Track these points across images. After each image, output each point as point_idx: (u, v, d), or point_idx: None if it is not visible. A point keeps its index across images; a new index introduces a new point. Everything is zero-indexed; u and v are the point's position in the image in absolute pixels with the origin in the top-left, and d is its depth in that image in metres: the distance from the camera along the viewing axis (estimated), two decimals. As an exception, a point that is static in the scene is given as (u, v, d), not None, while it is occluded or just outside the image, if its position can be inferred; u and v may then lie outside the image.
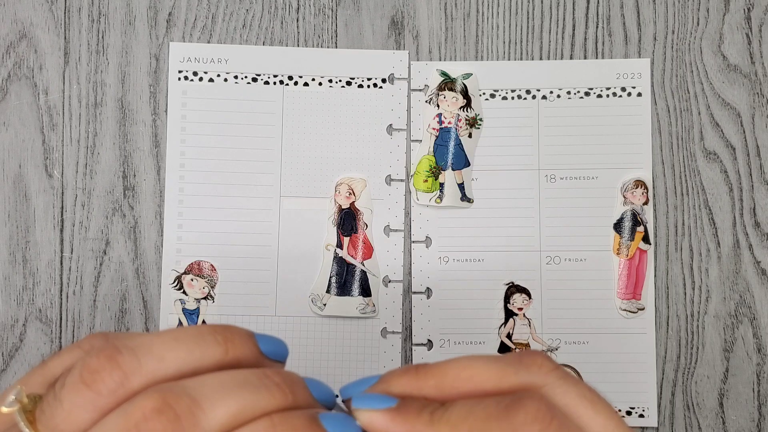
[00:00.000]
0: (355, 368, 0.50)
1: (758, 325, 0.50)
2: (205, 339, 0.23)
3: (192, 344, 0.23)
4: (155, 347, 0.22)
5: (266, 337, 0.25)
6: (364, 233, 0.51)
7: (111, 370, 0.21)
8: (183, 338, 0.23)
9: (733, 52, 0.51)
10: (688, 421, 0.50)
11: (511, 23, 0.52)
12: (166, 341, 0.22)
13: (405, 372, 0.25)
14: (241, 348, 0.24)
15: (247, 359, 0.24)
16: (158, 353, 0.22)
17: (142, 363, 0.22)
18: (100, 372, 0.21)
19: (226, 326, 0.24)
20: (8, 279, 0.50)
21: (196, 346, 0.23)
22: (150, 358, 0.22)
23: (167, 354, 0.22)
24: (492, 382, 0.24)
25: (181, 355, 0.22)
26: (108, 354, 0.21)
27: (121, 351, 0.22)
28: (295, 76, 0.51)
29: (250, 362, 0.24)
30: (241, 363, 0.24)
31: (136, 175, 0.51)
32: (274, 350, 0.25)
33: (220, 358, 0.23)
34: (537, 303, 0.51)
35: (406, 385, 0.24)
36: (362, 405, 0.23)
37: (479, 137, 0.51)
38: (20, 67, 0.51)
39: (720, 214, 0.51)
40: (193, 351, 0.22)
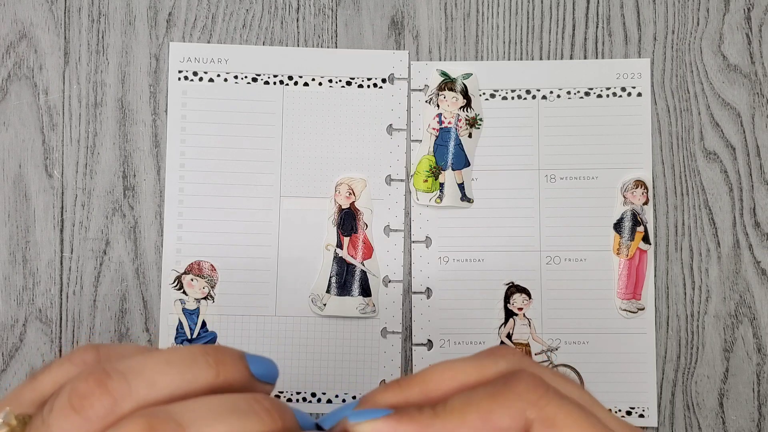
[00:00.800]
0: (355, 368, 0.50)
1: (758, 325, 0.50)
2: (197, 362, 0.23)
3: (184, 368, 0.22)
4: (146, 371, 0.22)
5: (257, 358, 0.25)
6: (364, 233, 0.51)
7: (101, 395, 0.21)
8: (175, 361, 0.22)
9: (733, 52, 0.51)
10: (688, 421, 0.50)
11: (511, 23, 0.52)
12: (158, 364, 0.22)
13: (387, 387, 0.25)
14: (233, 371, 0.23)
15: (238, 382, 0.24)
16: (149, 377, 0.22)
17: (132, 388, 0.21)
18: (89, 397, 0.21)
19: (218, 348, 0.24)
20: (8, 279, 0.50)
21: (188, 370, 0.22)
22: (141, 383, 0.21)
23: (158, 378, 0.22)
24: (474, 376, 0.24)
25: (172, 379, 0.22)
26: (97, 378, 0.21)
27: (110, 375, 0.21)
28: (295, 76, 0.51)
29: (241, 384, 0.24)
30: (232, 386, 0.23)
31: (136, 175, 0.51)
32: (264, 372, 0.25)
33: (211, 381, 0.23)
34: (537, 303, 0.51)
35: (391, 398, 0.24)
36: (360, 419, 0.23)
37: (479, 137, 0.51)
38: (20, 67, 0.51)
39: (720, 214, 0.51)
40: (184, 375, 0.22)
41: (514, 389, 0.23)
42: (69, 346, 0.50)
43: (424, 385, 0.24)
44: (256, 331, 0.50)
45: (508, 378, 0.23)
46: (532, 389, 0.23)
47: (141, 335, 0.50)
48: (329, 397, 0.50)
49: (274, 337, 0.50)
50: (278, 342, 0.50)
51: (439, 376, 0.24)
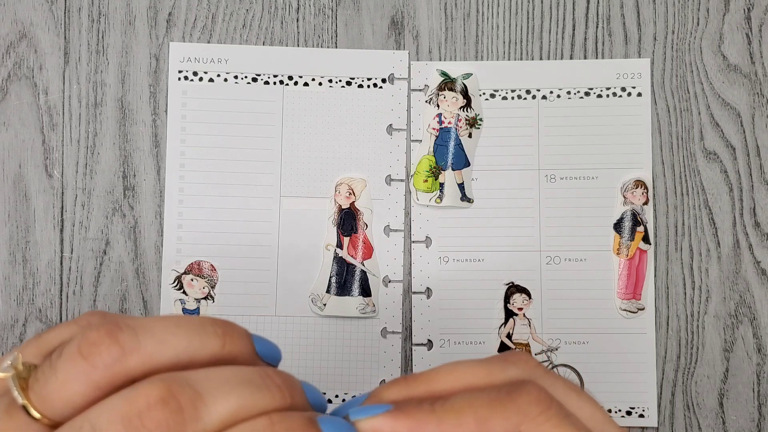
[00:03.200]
0: (355, 368, 0.50)
1: (758, 325, 0.50)
2: (206, 329, 0.23)
3: (192, 332, 0.22)
4: (156, 329, 0.22)
5: (262, 338, 0.25)
6: (364, 233, 0.51)
7: (110, 344, 0.21)
8: (184, 325, 0.22)
9: (733, 52, 0.51)
10: (688, 421, 0.50)
11: (511, 23, 0.52)
12: (168, 326, 0.22)
13: (394, 382, 0.25)
14: (238, 344, 0.24)
15: (242, 356, 0.24)
16: (159, 336, 0.22)
17: (141, 342, 0.21)
18: (99, 345, 0.21)
19: (226, 321, 0.24)
20: (8, 279, 0.50)
21: (196, 335, 0.22)
22: (150, 339, 0.22)
23: (167, 338, 0.22)
24: (482, 379, 0.24)
25: (180, 341, 0.22)
26: (108, 329, 0.21)
27: (121, 328, 0.21)
28: (295, 76, 0.51)
29: (245, 360, 0.24)
30: (236, 359, 0.24)
31: (136, 175, 0.51)
32: (268, 352, 0.25)
33: (217, 351, 0.23)
34: (537, 303, 0.51)
35: (397, 394, 0.24)
36: (361, 415, 0.23)
37: (479, 137, 0.51)
38: (20, 67, 0.51)
39: (720, 214, 0.51)
40: (192, 339, 0.22)
41: (515, 400, 0.23)
42: (69, 346, 0.50)
43: (430, 383, 0.24)
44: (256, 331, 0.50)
45: (513, 387, 0.23)
46: (534, 404, 0.23)
47: (141, 335, 0.50)
48: (329, 397, 0.50)
49: (274, 337, 0.50)
50: (278, 342, 0.50)
51: (445, 376, 0.24)
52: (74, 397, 0.21)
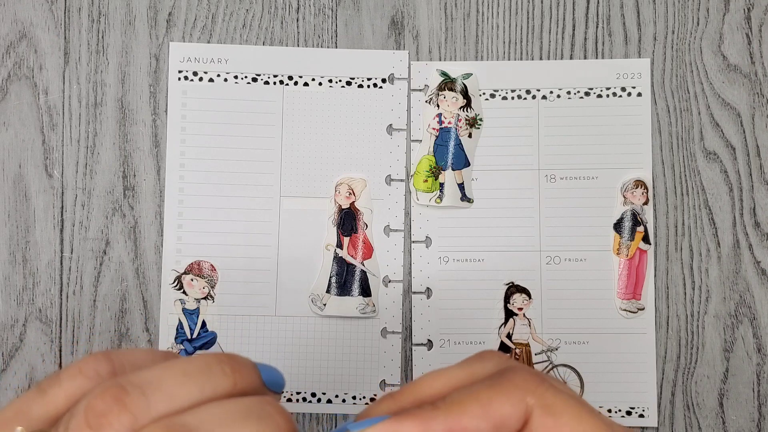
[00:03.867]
0: (355, 368, 0.50)
1: (758, 325, 0.50)
2: (214, 372, 0.22)
3: (202, 379, 0.22)
4: (165, 385, 0.21)
5: (266, 366, 0.25)
6: (364, 233, 0.51)
7: (119, 413, 0.20)
8: (192, 372, 0.22)
9: (733, 52, 0.51)
10: (688, 421, 0.50)
11: (511, 23, 0.52)
12: (176, 376, 0.21)
13: (381, 400, 0.25)
14: (248, 380, 0.23)
15: (251, 390, 0.23)
16: (168, 391, 0.21)
17: (151, 403, 0.20)
18: (107, 415, 0.20)
19: (231, 356, 0.23)
20: (8, 279, 0.50)
21: (206, 381, 0.22)
22: (159, 397, 0.21)
23: (177, 391, 0.21)
24: (465, 379, 0.25)
25: (190, 391, 0.21)
26: (114, 395, 0.20)
27: (128, 391, 0.20)
28: (295, 76, 0.51)
29: (254, 393, 0.23)
30: (246, 394, 0.23)
31: (136, 175, 0.51)
32: (274, 381, 0.25)
33: (228, 391, 0.22)
34: (537, 303, 0.51)
35: (387, 409, 0.24)
36: (360, 427, 0.23)
37: (479, 137, 0.51)
38: (20, 67, 0.51)
39: (720, 214, 0.51)
40: (203, 386, 0.22)
41: (512, 380, 0.23)
42: (69, 346, 0.50)
43: (417, 393, 0.25)
44: (256, 331, 0.50)
45: (504, 371, 0.24)
46: (530, 379, 0.23)
47: (141, 335, 0.50)
48: (329, 397, 0.50)
49: (274, 337, 0.50)
50: (278, 342, 0.50)
51: (430, 383, 0.25)
52: None
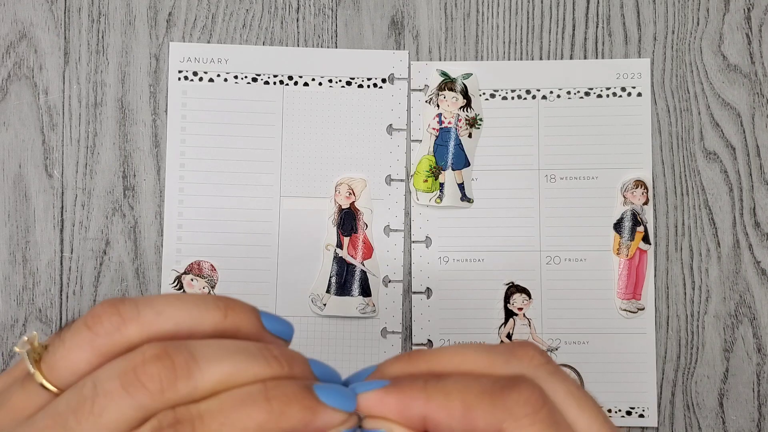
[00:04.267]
0: (355, 368, 0.50)
1: (758, 325, 0.50)
2: (207, 303, 0.24)
3: (192, 305, 0.24)
4: (156, 302, 0.23)
5: (272, 315, 0.25)
6: (364, 233, 0.51)
7: (111, 314, 0.23)
8: (185, 299, 0.24)
9: (733, 52, 0.51)
10: (688, 421, 0.50)
11: (511, 23, 0.52)
12: (168, 299, 0.24)
13: (399, 358, 0.26)
14: (241, 316, 0.24)
15: (247, 330, 0.24)
16: (158, 307, 0.23)
17: (140, 313, 0.23)
18: (101, 316, 0.23)
19: (230, 298, 0.25)
20: (8, 279, 0.50)
21: (196, 307, 0.24)
22: (149, 310, 0.23)
23: (166, 309, 0.23)
24: (482, 368, 0.24)
25: (179, 313, 0.23)
26: (111, 302, 0.23)
27: (123, 301, 0.23)
28: (295, 76, 0.51)
29: (251, 334, 0.24)
30: (241, 332, 0.24)
31: (136, 175, 0.51)
32: (278, 328, 0.25)
33: (218, 322, 0.24)
34: (537, 303, 0.51)
35: (399, 369, 0.25)
36: (360, 390, 0.24)
37: (479, 137, 0.51)
38: (20, 67, 0.51)
39: (720, 214, 0.51)
40: (191, 311, 0.24)
41: (505, 397, 0.23)
42: (69, 346, 0.50)
43: (432, 362, 0.25)
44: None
45: (508, 383, 0.23)
46: (523, 405, 0.22)
47: (141, 335, 0.50)
48: (329, 397, 0.50)
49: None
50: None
51: (449, 358, 0.25)
52: (79, 364, 0.23)
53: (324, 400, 0.23)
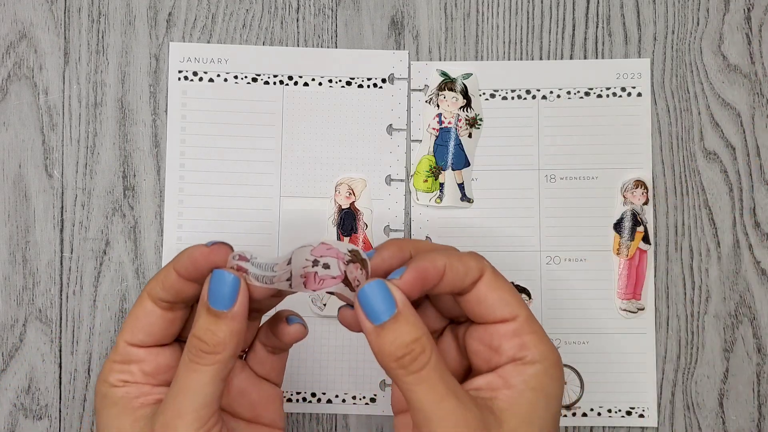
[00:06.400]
0: (355, 368, 0.50)
1: (758, 325, 0.50)
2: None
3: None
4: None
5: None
6: (364, 233, 0.51)
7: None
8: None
9: (733, 52, 0.51)
10: (688, 421, 0.50)
11: (511, 23, 0.52)
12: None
13: (391, 243, 0.36)
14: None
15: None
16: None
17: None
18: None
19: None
20: (8, 279, 0.50)
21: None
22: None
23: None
24: (444, 250, 0.36)
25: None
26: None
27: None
28: (295, 76, 0.51)
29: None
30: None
31: (136, 175, 0.51)
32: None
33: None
34: (537, 303, 0.51)
35: (393, 250, 0.35)
36: (396, 276, 0.34)
37: (479, 137, 0.51)
38: (20, 67, 0.51)
39: (720, 214, 0.51)
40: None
41: (464, 257, 0.35)
42: (69, 346, 0.50)
43: (415, 245, 0.36)
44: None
45: (465, 252, 0.35)
46: (476, 259, 0.35)
47: (141, 335, 0.50)
48: (329, 397, 0.50)
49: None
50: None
51: (423, 244, 0.37)
52: None
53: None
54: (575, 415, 0.50)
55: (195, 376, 0.33)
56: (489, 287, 0.35)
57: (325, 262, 0.33)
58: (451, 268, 0.34)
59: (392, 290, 0.32)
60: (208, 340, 0.33)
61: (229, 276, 0.33)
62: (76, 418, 0.50)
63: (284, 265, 0.33)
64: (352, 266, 0.33)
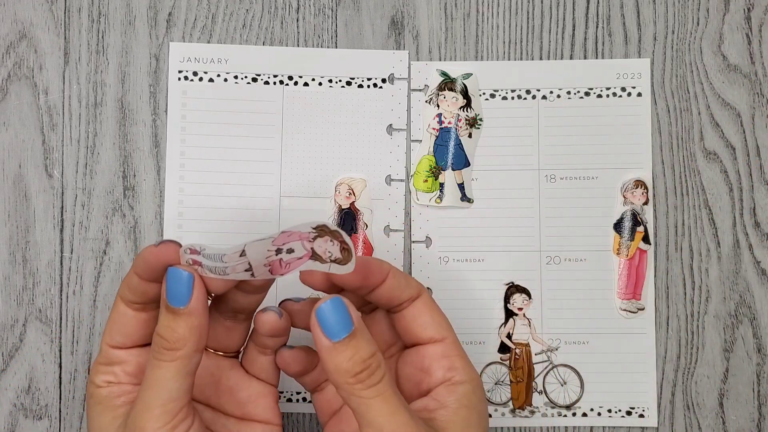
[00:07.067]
0: (355, 368, 0.50)
1: (758, 325, 0.50)
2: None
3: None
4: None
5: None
6: (364, 233, 0.51)
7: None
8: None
9: (733, 52, 0.51)
10: (688, 421, 0.50)
11: (511, 23, 0.52)
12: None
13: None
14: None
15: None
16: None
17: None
18: None
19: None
20: (8, 279, 0.50)
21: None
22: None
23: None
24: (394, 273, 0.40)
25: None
26: None
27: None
28: (295, 76, 0.51)
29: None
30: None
31: (136, 175, 0.51)
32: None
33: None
34: (537, 303, 0.51)
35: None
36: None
37: (479, 137, 0.51)
38: (20, 67, 0.51)
39: (720, 214, 0.51)
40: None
41: (409, 279, 0.40)
42: (69, 346, 0.50)
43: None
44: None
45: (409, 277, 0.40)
46: (417, 285, 0.40)
47: (141, 335, 0.50)
48: (329, 397, 0.50)
49: (274, 337, 0.50)
50: (278, 342, 0.50)
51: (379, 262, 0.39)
52: None
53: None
54: (575, 415, 0.50)
55: (159, 372, 0.34)
56: (424, 307, 0.39)
57: (288, 248, 0.33)
58: (394, 276, 0.38)
59: (349, 308, 0.34)
60: (168, 337, 0.34)
61: (182, 273, 0.34)
62: (76, 418, 0.50)
63: (236, 256, 0.33)
64: (320, 240, 0.33)
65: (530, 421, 0.50)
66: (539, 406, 0.50)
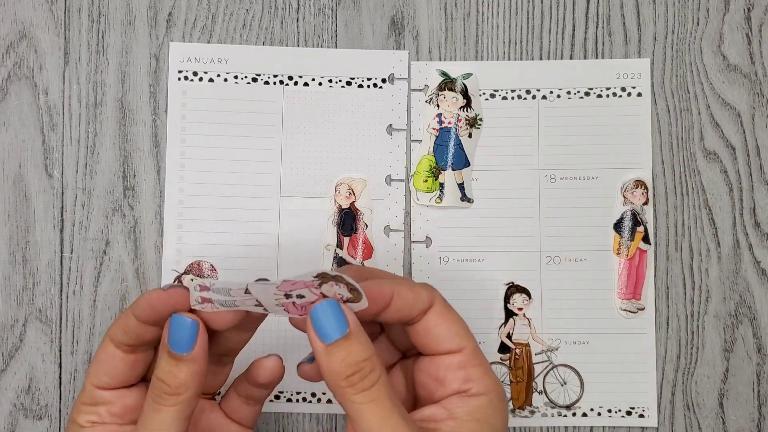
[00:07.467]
0: (355, 368, 0.50)
1: (758, 325, 0.50)
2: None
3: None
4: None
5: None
6: (364, 233, 0.51)
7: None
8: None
9: (733, 52, 0.51)
10: (688, 421, 0.50)
11: (511, 23, 0.52)
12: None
13: (350, 269, 0.40)
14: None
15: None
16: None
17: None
18: None
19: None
20: (8, 279, 0.50)
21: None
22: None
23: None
24: (399, 281, 0.37)
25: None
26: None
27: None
28: (295, 76, 0.51)
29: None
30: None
31: (136, 175, 0.51)
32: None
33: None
34: (537, 303, 0.51)
35: (354, 274, 0.34)
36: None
37: (479, 137, 0.51)
38: (20, 67, 0.51)
39: (720, 214, 0.51)
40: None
41: (416, 287, 0.37)
42: (69, 346, 0.50)
43: (373, 273, 0.39)
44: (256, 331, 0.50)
45: (418, 283, 0.38)
46: (428, 290, 0.37)
47: (141, 335, 0.50)
48: (329, 398, 0.50)
49: (273, 337, 0.50)
50: (278, 342, 0.50)
51: (380, 272, 0.40)
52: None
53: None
54: (575, 415, 0.50)
55: (159, 416, 0.34)
56: (438, 318, 0.36)
57: (297, 293, 0.33)
58: (400, 296, 0.35)
59: (344, 310, 0.33)
60: (170, 382, 0.34)
61: (187, 321, 0.34)
62: (76, 418, 0.50)
63: (241, 292, 0.34)
64: (326, 286, 0.33)
65: (530, 421, 0.50)
66: (539, 406, 0.50)
